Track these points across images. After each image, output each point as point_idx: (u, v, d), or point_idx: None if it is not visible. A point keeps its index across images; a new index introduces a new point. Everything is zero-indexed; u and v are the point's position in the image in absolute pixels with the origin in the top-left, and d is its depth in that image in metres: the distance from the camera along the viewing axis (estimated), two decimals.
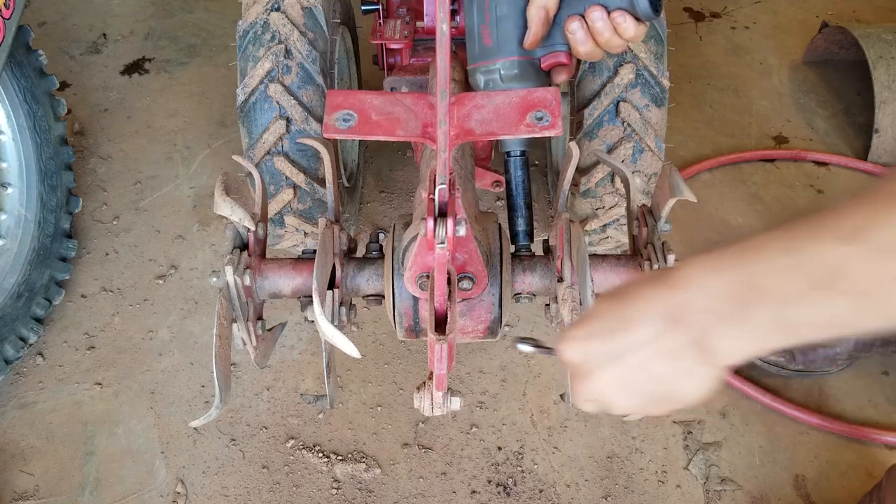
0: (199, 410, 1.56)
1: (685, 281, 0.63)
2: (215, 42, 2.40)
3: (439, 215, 0.78)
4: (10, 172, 1.58)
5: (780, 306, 0.58)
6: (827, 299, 0.55)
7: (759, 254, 0.59)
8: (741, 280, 0.59)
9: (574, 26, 1.05)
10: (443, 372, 0.80)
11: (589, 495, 1.44)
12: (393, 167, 2.02)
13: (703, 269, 0.62)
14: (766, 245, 0.59)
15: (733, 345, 0.62)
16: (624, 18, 1.02)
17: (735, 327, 0.61)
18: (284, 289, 1.01)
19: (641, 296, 0.66)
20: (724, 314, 0.61)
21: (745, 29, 2.47)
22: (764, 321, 0.59)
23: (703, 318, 0.62)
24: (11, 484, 1.46)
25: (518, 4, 1.11)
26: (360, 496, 1.44)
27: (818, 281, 0.55)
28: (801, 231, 0.57)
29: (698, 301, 0.62)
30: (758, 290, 0.58)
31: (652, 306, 0.65)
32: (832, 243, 0.54)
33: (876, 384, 1.60)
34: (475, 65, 1.16)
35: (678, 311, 0.63)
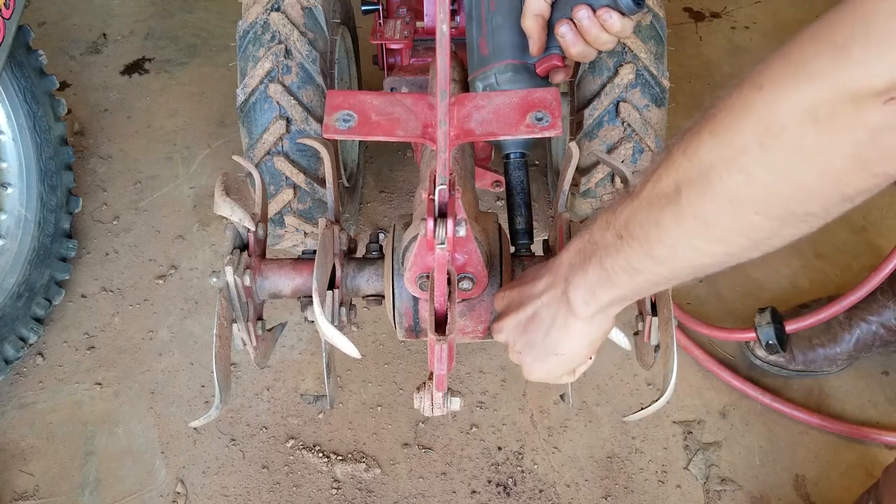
0: (199, 410, 1.56)
1: (565, 248, 0.76)
2: (215, 42, 2.40)
3: (439, 216, 0.78)
4: (10, 172, 1.58)
5: (602, 255, 0.69)
6: (624, 246, 0.66)
7: (601, 215, 0.70)
8: (586, 238, 0.72)
9: (563, 29, 1.09)
10: (443, 372, 0.80)
11: (589, 495, 1.44)
12: (393, 167, 2.02)
13: (575, 237, 0.75)
14: (607, 207, 0.70)
15: (579, 294, 0.73)
16: (609, 15, 1.06)
17: (580, 277, 0.72)
18: (284, 289, 1.01)
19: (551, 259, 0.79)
20: (576, 266, 0.73)
21: (745, 29, 2.47)
22: (595, 270, 0.70)
23: (566, 271, 0.75)
24: (11, 484, 1.46)
25: (511, 15, 1.16)
26: (360, 496, 1.44)
27: (618, 231, 0.66)
28: (624, 193, 0.67)
29: (565, 258, 0.75)
30: (592, 244, 0.71)
31: (549, 265, 0.78)
32: (629, 200, 0.65)
33: (876, 384, 1.60)
34: (474, 74, 1.21)
35: (556, 267, 0.77)
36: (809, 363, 1.56)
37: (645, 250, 0.64)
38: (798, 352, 1.56)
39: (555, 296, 0.76)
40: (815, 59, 0.48)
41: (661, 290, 0.88)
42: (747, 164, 0.53)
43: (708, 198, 0.57)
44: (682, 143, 0.59)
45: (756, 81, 0.52)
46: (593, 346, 0.80)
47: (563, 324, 0.77)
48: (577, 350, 0.79)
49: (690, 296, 1.73)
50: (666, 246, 0.62)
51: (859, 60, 0.45)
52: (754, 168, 0.53)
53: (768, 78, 0.51)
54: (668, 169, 0.60)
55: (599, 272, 0.70)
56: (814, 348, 1.56)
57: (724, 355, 1.63)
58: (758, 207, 0.55)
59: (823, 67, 0.47)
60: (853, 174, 0.50)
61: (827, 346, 1.55)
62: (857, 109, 0.46)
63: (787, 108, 0.49)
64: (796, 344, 1.56)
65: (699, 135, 0.57)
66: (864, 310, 1.53)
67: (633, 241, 0.65)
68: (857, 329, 1.54)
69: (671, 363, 0.83)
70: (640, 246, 0.64)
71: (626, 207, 0.66)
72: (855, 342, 1.54)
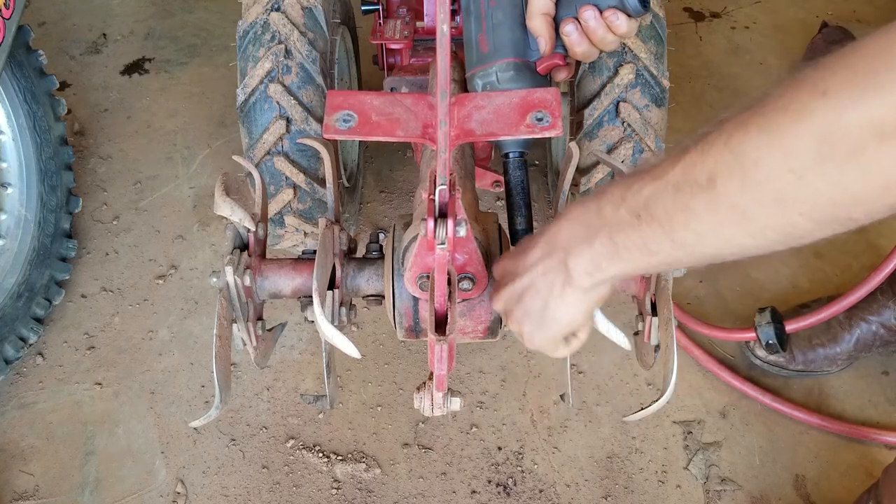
0: (199, 410, 1.56)
1: (563, 214, 0.76)
2: (215, 42, 2.40)
3: (439, 216, 0.78)
4: (10, 172, 1.58)
5: (613, 231, 0.68)
6: (641, 225, 0.65)
7: (610, 190, 0.70)
8: (593, 210, 0.71)
9: (568, 28, 1.08)
10: (443, 372, 0.80)
11: (589, 495, 1.44)
12: (393, 167, 2.02)
13: (575, 205, 0.74)
14: (617, 183, 0.69)
15: (581, 265, 0.73)
16: (616, 16, 1.05)
17: (584, 248, 0.72)
18: (284, 289, 1.01)
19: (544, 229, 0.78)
20: (579, 237, 0.72)
21: (745, 29, 2.47)
22: (603, 244, 0.70)
23: (566, 240, 0.74)
24: (11, 484, 1.46)
25: (513, 11, 1.15)
26: (360, 496, 1.44)
27: (635, 210, 0.66)
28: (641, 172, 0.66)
29: (564, 228, 0.75)
30: (601, 218, 0.70)
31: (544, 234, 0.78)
32: (648, 180, 0.64)
33: (876, 384, 1.60)
34: (473, 71, 1.19)
35: (553, 236, 0.76)
36: (809, 363, 1.56)
37: (666, 233, 0.63)
38: (798, 352, 1.56)
39: (551, 265, 0.76)
40: (887, 70, 0.47)
41: (662, 290, 0.88)
42: (799, 167, 0.52)
43: (749, 193, 0.56)
44: (724, 134, 0.57)
45: (819, 86, 0.51)
46: (590, 312, 0.81)
47: (561, 292, 0.76)
48: (575, 317, 0.79)
49: (690, 296, 1.73)
50: (692, 232, 0.62)
51: None
52: (806, 172, 0.52)
53: (833, 85, 0.50)
54: (704, 157, 0.59)
55: (609, 246, 0.69)
56: (814, 348, 1.56)
57: (724, 355, 1.63)
58: (803, 209, 0.54)
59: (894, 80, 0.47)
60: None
61: (827, 346, 1.55)
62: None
63: (852, 119, 0.49)
64: (796, 344, 1.56)
65: (746, 128, 0.55)
66: (864, 310, 1.53)
67: (652, 223, 0.64)
68: (857, 329, 1.54)
69: (671, 363, 0.83)
70: (661, 228, 0.64)
71: (647, 187, 0.64)
72: (855, 342, 1.54)
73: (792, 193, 0.54)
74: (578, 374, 1.60)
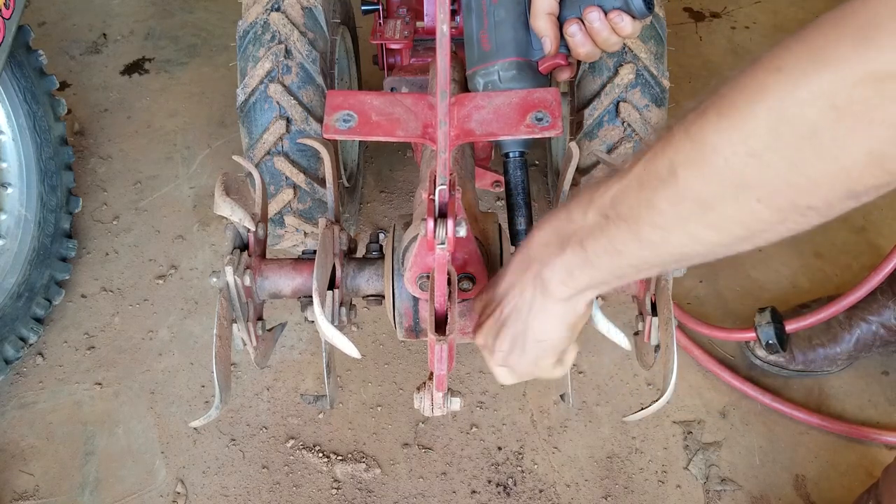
0: (199, 410, 1.56)
1: (537, 225, 0.74)
2: (215, 42, 2.40)
3: (439, 216, 0.78)
4: (10, 172, 1.58)
5: (583, 235, 0.67)
6: (609, 226, 0.64)
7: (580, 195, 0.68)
8: (563, 217, 0.70)
9: (573, 29, 1.08)
10: (443, 372, 0.80)
11: (589, 495, 1.44)
12: (393, 167, 2.02)
13: (548, 215, 0.73)
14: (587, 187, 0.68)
15: (556, 276, 0.71)
16: (621, 18, 1.05)
17: (556, 258, 0.70)
18: (284, 289, 1.01)
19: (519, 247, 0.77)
20: (551, 247, 0.71)
21: (745, 29, 2.47)
22: (574, 251, 0.68)
23: (539, 251, 0.72)
24: (11, 484, 1.46)
25: (516, 9, 1.14)
26: (360, 496, 1.44)
27: (602, 211, 0.64)
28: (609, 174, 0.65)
29: (537, 238, 0.73)
30: (571, 223, 0.69)
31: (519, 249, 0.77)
32: (615, 180, 0.63)
33: (876, 384, 1.60)
34: (474, 69, 1.18)
35: (527, 250, 0.74)
36: (809, 363, 1.56)
37: (632, 231, 0.62)
38: (798, 352, 1.56)
39: (527, 280, 0.74)
40: (838, 43, 0.46)
41: (662, 290, 0.88)
42: (756, 147, 0.51)
43: (710, 180, 0.55)
44: (684, 123, 0.56)
45: (773, 64, 0.50)
46: (574, 330, 0.78)
47: (541, 307, 0.75)
48: (558, 334, 0.77)
49: (690, 296, 1.73)
50: (656, 228, 0.60)
51: (884, 46, 0.43)
52: (764, 153, 0.51)
53: (787, 62, 0.49)
54: (665, 148, 0.58)
55: (579, 252, 0.68)
56: (814, 348, 1.56)
57: (724, 355, 1.63)
58: (761, 194, 0.53)
59: (846, 53, 0.45)
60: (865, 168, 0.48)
61: (827, 346, 1.55)
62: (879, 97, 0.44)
63: (805, 92, 0.47)
64: (796, 344, 1.56)
65: (704, 115, 0.54)
66: (864, 310, 1.53)
67: (619, 222, 0.63)
68: (857, 329, 1.54)
69: (671, 363, 0.83)
70: (628, 227, 0.62)
71: (613, 187, 0.63)
72: (855, 342, 1.54)
73: (751, 177, 0.52)
74: (578, 374, 1.60)
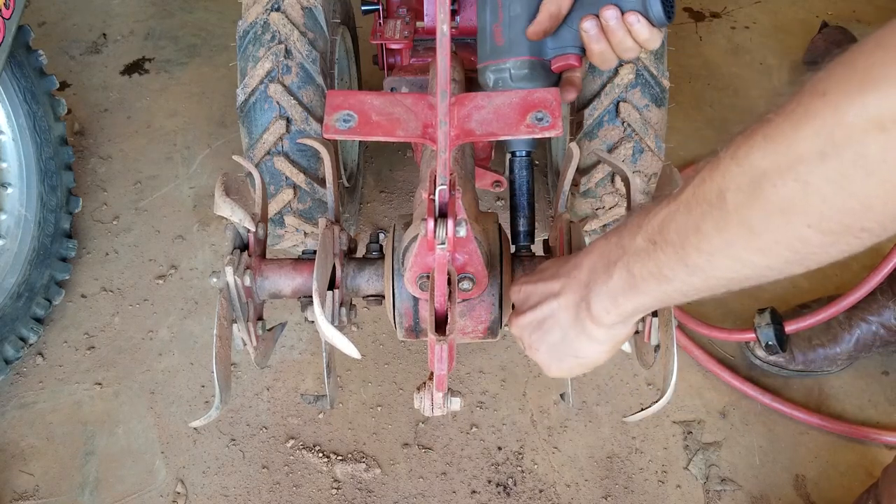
0: (199, 410, 1.56)
1: (590, 246, 0.74)
2: (215, 42, 2.40)
3: (439, 216, 0.77)
4: (10, 172, 1.58)
5: (630, 260, 0.66)
6: (657, 251, 0.63)
7: (631, 219, 0.68)
8: (613, 241, 0.69)
9: (588, 24, 1.06)
10: (443, 372, 0.80)
11: (589, 495, 1.44)
12: (393, 167, 2.02)
13: (599, 239, 0.72)
14: (638, 211, 0.68)
15: (601, 304, 0.71)
16: (637, 19, 1.03)
17: (602, 283, 0.70)
18: (284, 289, 1.01)
19: (572, 259, 0.77)
20: (598, 271, 0.71)
21: (745, 29, 2.47)
22: (621, 276, 0.68)
23: (587, 275, 0.72)
24: (11, 484, 1.46)
25: (532, 5, 1.11)
26: (360, 496, 1.44)
27: (651, 235, 0.64)
28: (661, 198, 0.65)
29: (586, 262, 0.73)
30: (620, 248, 0.68)
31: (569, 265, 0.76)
32: (665, 205, 0.63)
33: (876, 384, 1.60)
34: (485, 63, 1.16)
35: (575, 270, 0.74)
36: (809, 363, 1.56)
37: (679, 257, 0.61)
38: (798, 352, 1.56)
39: (573, 300, 0.74)
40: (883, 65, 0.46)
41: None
42: (804, 172, 0.51)
43: (757, 206, 0.54)
44: (731, 148, 0.56)
45: (819, 88, 0.50)
46: (613, 350, 0.79)
47: (582, 329, 0.75)
48: (597, 355, 0.78)
49: None
50: (703, 253, 0.60)
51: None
52: (811, 177, 0.50)
53: (832, 85, 0.49)
54: (712, 173, 0.57)
55: (626, 277, 0.68)
56: (814, 348, 1.56)
57: (724, 355, 1.63)
58: (811, 220, 0.52)
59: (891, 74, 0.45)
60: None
61: (827, 346, 1.55)
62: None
63: (852, 115, 0.47)
64: (796, 344, 1.56)
65: (751, 139, 0.54)
66: (864, 310, 1.53)
67: (666, 247, 0.62)
68: (857, 329, 1.54)
69: (671, 364, 0.83)
70: (675, 252, 0.62)
71: (662, 211, 0.63)
72: (855, 342, 1.54)
73: (799, 203, 0.52)
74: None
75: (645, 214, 0.65)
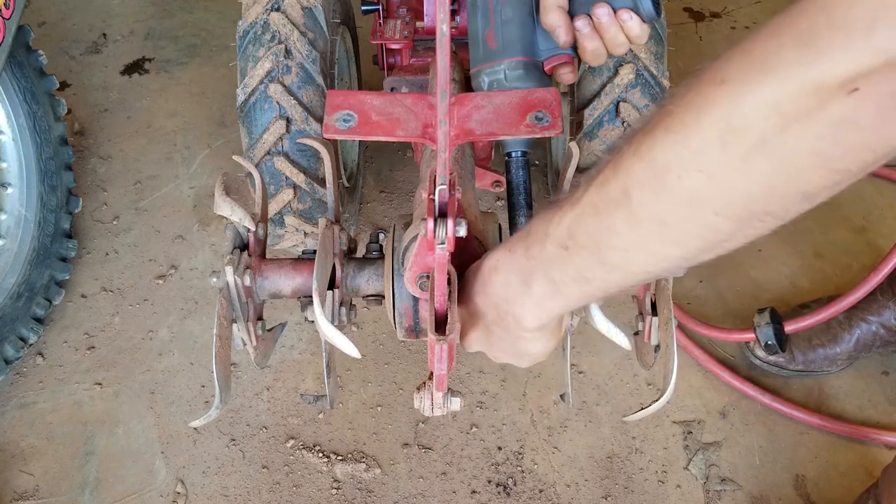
0: (199, 410, 1.56)
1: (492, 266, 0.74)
2: (215, 42, 2.40)
3: (439, 216, 0.77)
4: (10, 172, 1.58)
5: (547, 269, 0.67)
6: (571, 255, 0.64)
7: (533, 228, 0.68)
8: (520, 253, 0.70)
9: (581, 23, 1.09)
10: (443, 372, 0.80)
11: (589, 495, 1.44)
12: (393, 167, 2.02)
13: (501, 254, 0.73)
14: (539, 219, 0.68)
15: (527, 312, 0.72)
16: (630, 16, 1.06)
17: (523, 295, 0.71)
18: (284, 289, 1.01)
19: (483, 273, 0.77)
20: (514, 286, 0.71)
21: (745, 29, 2.47)
22: (541, 285, 0.68)
23: (503, 293, 0.73)
24: (11, 484, 1.46)
25: (523, 8, 1.14)
26: (360, 496, 1.44)
27: (561, 241, 0.64)
28: (560, 202, 0.65)
29: (498, 282, 0.74)
30: (530, 259, 0.68)
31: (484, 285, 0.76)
32: (568, 208, 0.63)
33: (876, 384, 1.60)
34: (479, 67, 1.18)
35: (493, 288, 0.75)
36: (809, 363, 1.56)
37: (596, 258, 0.62)
38: (798, 352, 1.56)
39: (498, 317, 0.76)
40: (779, 52, 0.46)
41: (662, 290, 0.88)
42: (707, 162, 0.51)
43: (664, 199, 0.55)
44: (633, 144, 0.56)
45: (717, 77, 0.50)
46: (558, 338, 0.80)
47: (518, 336, 0.76)
48: (544, 349, 0.80)
49: (690, 296, 1.73)
50: (619, 251, 0.60)
51: (823, 51, 0.44)
52: (714, 166, 0.51)
53: (730, 73, 0.49)
54: (616, 171, 0.57)
55: (547, 286, 0.68)
56: (814, 348, 1.56)
57: (724, 355, 1.63)
58: (717, 207, 0.53)
59: (788, 60, 0.46)
60: (814, 171, 0.49)
61: (827, 346, 1.55)
62: (820, 102, 0.45)
63: (750, 103, 0.48)
64: (796, 344, 1.55)
65: (652, 134, 0.54)
66: (864, 310, 1.53)
67: (581, 251, 0.63)
68: (857, 329, 1.54)
69: (671, 364, 0.83)
70: (591, 254, 0.62)
71: (567, 216, 0.63)
72: (855, 342, 1.54)
73: (705, 192, 0.52)
74: (578, 374, 1.60)
75: (548, 221, 0.66)
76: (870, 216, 1.89)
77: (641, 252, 0.60)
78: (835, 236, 1.84)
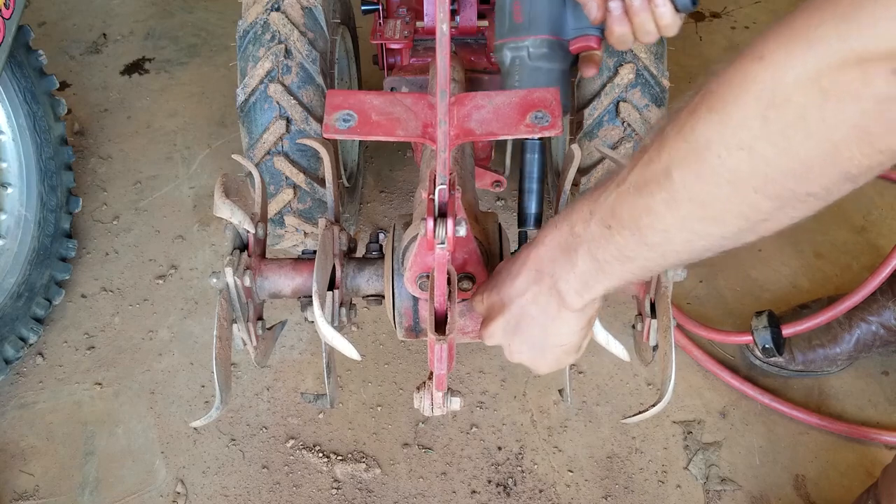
0: (199, 410, 1.56)
1: (541, 238, 0.75)
2: (215, 42, 2.40)
3: (439, 215, 0.77)
4: (10, 172, 1.58)
5: (591, 247, 0.68)
6: (614, 235, 0.64)
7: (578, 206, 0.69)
8: (565, 230, 0.70)
9: (614, 4, 1.06)
10: (443, 372, 0.80)
11: (589, 495, 1.44)
12: (393, 167, 2.02)
13: (550, 227, 0.74)
14: (584, 197, 0.69)
15: (571, 287, 0.72)
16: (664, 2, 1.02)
17: (569, 270, 0.71)
18: (284, 289, 1.01)
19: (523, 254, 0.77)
20: (558, 261, 0.72)
21: (745, 29, 2.47)
22: (585, 262, 0.69)
23: (550, 266, 0.73)
24: (11, 484, 1.46)
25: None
26: (360, 496, 1.44)
27: (605, 220, 0.65)
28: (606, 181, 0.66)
29: (544, 253, 0.74)
30: (575, 237, 0.69)
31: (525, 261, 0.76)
32: (612, 188, 0.64)
33: (876, 384, 1.60)
34: (504, 40, 1.15)
35: (537, 263, 0.75)
36: (809, 363, 1.56)
37: (637, 238, 0.62)
38: (798, 352, 1.56)
39: (541, 291, 0.75)
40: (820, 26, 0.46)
41: (661, 296, 0.88)
42: (747, 139, 0.51)
43: (705, 178, 0.55)
44: (675, 123, 0.56)
45: (756, 52, 0.50)
46: (588, 329, 0.80)
47: (557, 315, 0.75)
48: (578, 337, 0.79)
49: (690, 296, 1.73)
50: (659, 231, 0.60)
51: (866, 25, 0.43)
52: (755, 142, 0.51)
53: (770, 48, 0.49)
54: (659, 151, 0.58)
55: (591, 264, 0.68)
56: (814, 348, 1.56)
57: (723, 355, 1.63)
58: (757, 185, 0.53)
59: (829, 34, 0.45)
60: (856, 148, 0.48)
61: (827, 346, 1.55)
62: (863, 77, 0.45)
63: (791, 77, 0.48)
64: (796, 344, 1.55)
65: (695, 113, 0.54)
66: (864, 310, 1.53)
67: (622, 230, 0.63)
68: (857, 329, 1.54)
69: (669, 369, 0.83)
70: (632, 234, 0.62)
71: (611, 195, 0.64)
72: (855, 342, 1.54)
73: (744, 170, 0.52)
74: (578, 374, 1.60)
75: (594, 200, 0.66)
76: (870, 216, 1.89)
77: (681, 230, 0.60)
78: (835, 236, 1.84)
